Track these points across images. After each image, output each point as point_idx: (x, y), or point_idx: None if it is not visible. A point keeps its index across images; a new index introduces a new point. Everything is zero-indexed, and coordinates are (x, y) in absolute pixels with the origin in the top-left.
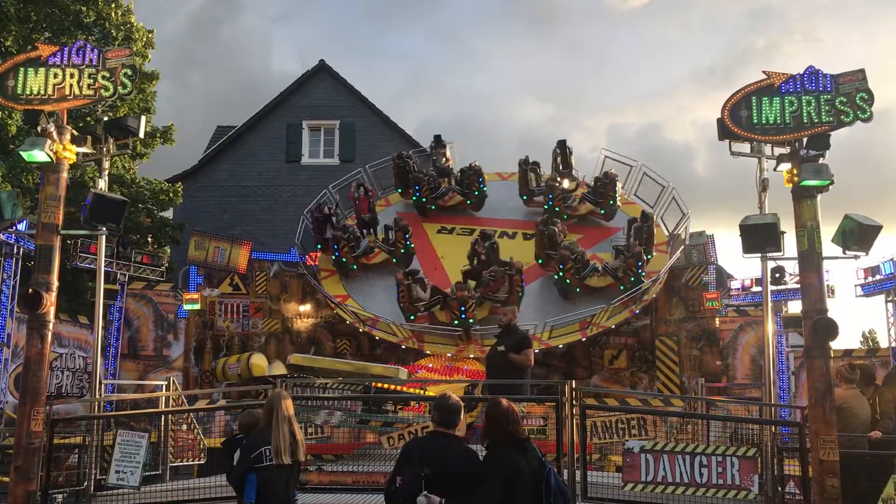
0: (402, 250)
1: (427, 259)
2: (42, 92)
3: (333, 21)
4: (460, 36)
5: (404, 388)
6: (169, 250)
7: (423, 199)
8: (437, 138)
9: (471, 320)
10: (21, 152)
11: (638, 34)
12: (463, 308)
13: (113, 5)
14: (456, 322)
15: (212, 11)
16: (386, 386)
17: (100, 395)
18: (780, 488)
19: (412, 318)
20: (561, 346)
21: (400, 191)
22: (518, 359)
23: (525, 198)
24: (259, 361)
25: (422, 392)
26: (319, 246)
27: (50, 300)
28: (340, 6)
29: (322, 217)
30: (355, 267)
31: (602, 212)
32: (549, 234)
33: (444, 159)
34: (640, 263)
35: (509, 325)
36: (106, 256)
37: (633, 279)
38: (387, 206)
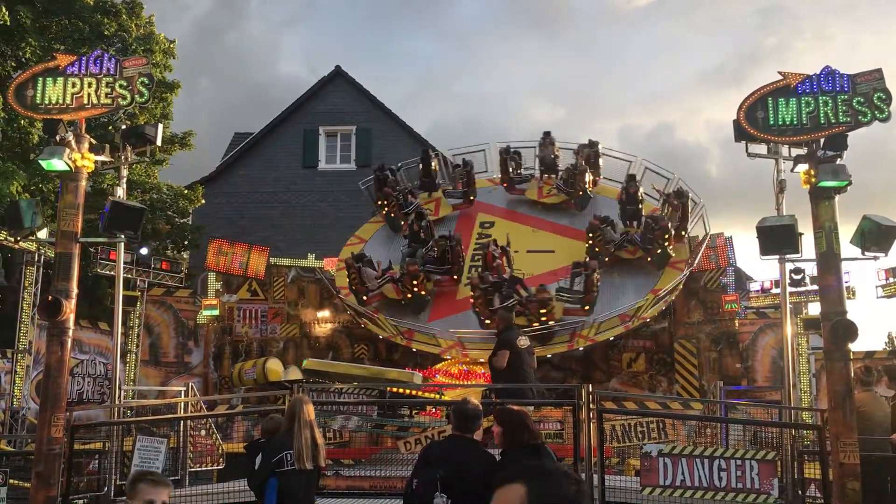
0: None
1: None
2: (60, 101)
3: (339, 25)
4: (466, 38)
5: (420, 393)
6: (187, 256)
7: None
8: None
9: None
10: (40, 161)
11: (645, 34)
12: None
13: (134, 17)
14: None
15: (217, 17)
16: (402, 391)
17: (119, 402)
18: (800, 492)
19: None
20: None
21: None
22: (492, 361)
23: None
24: (275, 366)
25: (438, 396)
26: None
27: (69, 307)
28: (345, 10)
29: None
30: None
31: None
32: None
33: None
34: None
35: (500, 330)
36: (125, 263)
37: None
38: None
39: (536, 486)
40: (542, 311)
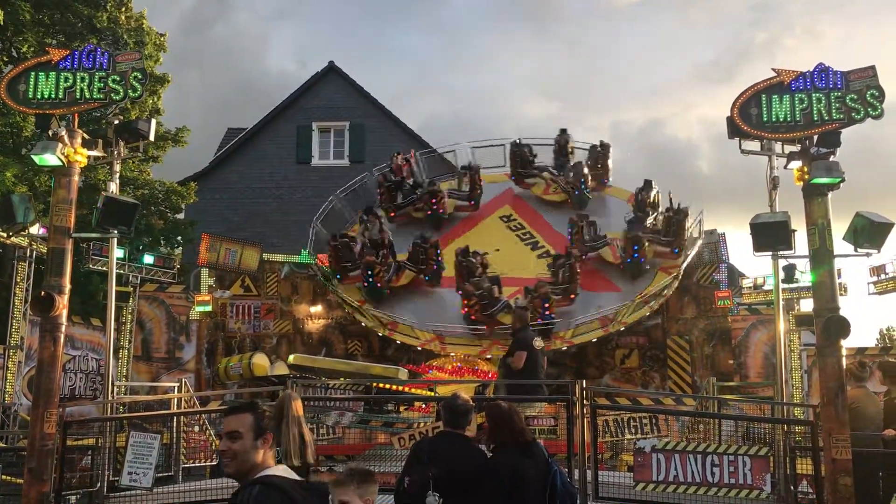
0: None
1: None
2: (53, 96)
3: (329, 19)
4: (458, 32)
5: (408, 388)
6: (181, 252)
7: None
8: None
9: None
10: (33, 156)
11: (637, 29)
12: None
13: (123, 9)
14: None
15: (204, 10)
16: (389, 387)
17: (112, 397)
18: (792, 487)
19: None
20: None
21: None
22: (508, 361)
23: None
24: (261, 361)
25: (431, 392)
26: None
27: (62, 303)
28: (335, 4)
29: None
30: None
31: (675, 251)
32: (588, 228)
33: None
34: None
35: (515, 330)
36: (118, 259)
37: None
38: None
39: (259, 415)
40: (547, 304)
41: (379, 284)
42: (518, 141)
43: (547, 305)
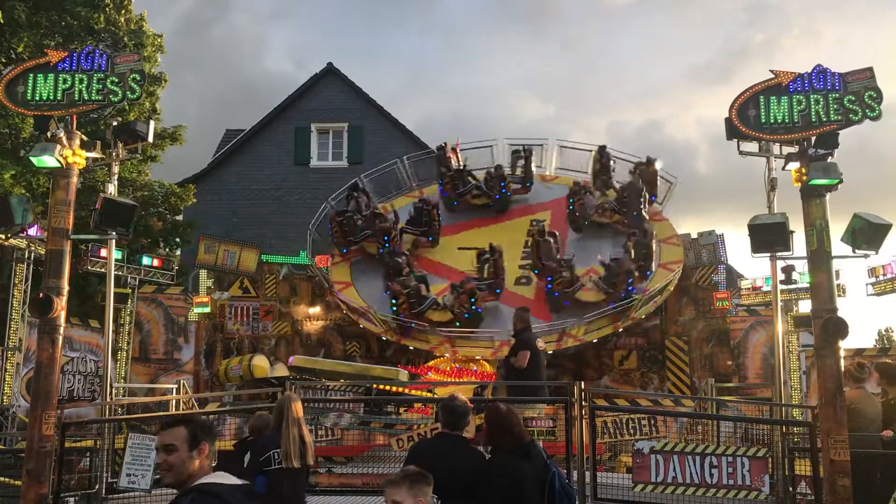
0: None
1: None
2: (51, 97)
3: (327, 20)
4: (454, 33)
5: (408, 390)
6: (179, 253)
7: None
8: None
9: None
10: (31, 158)
11: (634, 30)
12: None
13: (123, 11)
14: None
15: (202, 11)
16: (388, 388)
17: (111, 399)
18: (791, 488)
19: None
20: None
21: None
22: (511, 361)
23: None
24: (261, 363)
25: (430, 394)
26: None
27: (61, 304)
28: (333, 5)
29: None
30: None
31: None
32: (543, 245)
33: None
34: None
35: (518, 330)
36: (116, 260)
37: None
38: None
39: (192, 428)
40: (473, 299)
41: (394, 249)
42: (603, 147)
43: (473, 300)
